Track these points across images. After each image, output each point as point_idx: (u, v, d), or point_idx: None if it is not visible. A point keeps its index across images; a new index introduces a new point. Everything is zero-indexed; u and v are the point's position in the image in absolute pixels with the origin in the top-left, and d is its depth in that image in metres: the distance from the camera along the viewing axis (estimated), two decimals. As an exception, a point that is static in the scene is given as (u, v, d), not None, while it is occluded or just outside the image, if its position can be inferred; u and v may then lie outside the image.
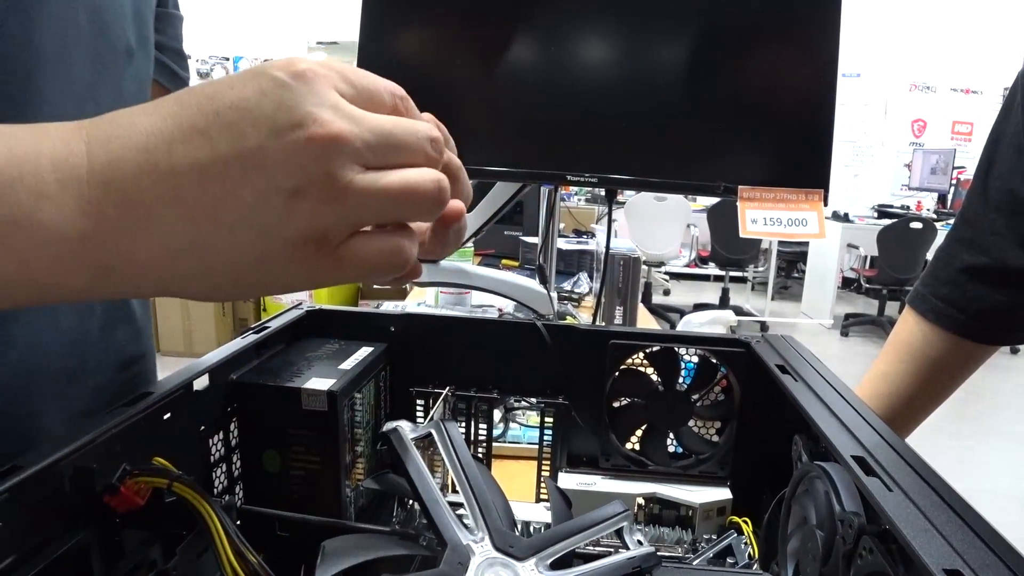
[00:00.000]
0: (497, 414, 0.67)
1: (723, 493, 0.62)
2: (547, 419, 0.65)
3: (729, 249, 5.05)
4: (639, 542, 0.47)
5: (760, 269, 5.68)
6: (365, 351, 0.61)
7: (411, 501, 0.59)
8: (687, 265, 5.41)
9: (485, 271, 1.28)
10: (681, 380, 0.64)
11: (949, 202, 5.51)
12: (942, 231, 4.47)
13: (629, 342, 0.64)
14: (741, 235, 0.71)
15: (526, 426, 0.91)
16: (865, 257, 5.33)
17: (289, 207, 0.26)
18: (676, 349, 0.63)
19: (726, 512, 0.62)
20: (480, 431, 0.66)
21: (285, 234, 0.27)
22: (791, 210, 0.71)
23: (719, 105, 0.74)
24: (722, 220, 4.91)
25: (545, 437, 0.66)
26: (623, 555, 0.45)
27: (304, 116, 0.26)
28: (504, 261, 2.16)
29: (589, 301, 1.77)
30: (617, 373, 0.64)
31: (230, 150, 0.26)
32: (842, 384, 0.53)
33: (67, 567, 0.35)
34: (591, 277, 1.91)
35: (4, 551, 0.31)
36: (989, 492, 2.88)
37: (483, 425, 0.66)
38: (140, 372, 0.59)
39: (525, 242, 2.11)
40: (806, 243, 5.64)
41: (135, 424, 0.41)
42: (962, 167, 5.58)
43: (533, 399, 0.66)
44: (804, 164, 0.73)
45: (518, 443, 0.91)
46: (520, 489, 0.65)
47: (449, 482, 0.60)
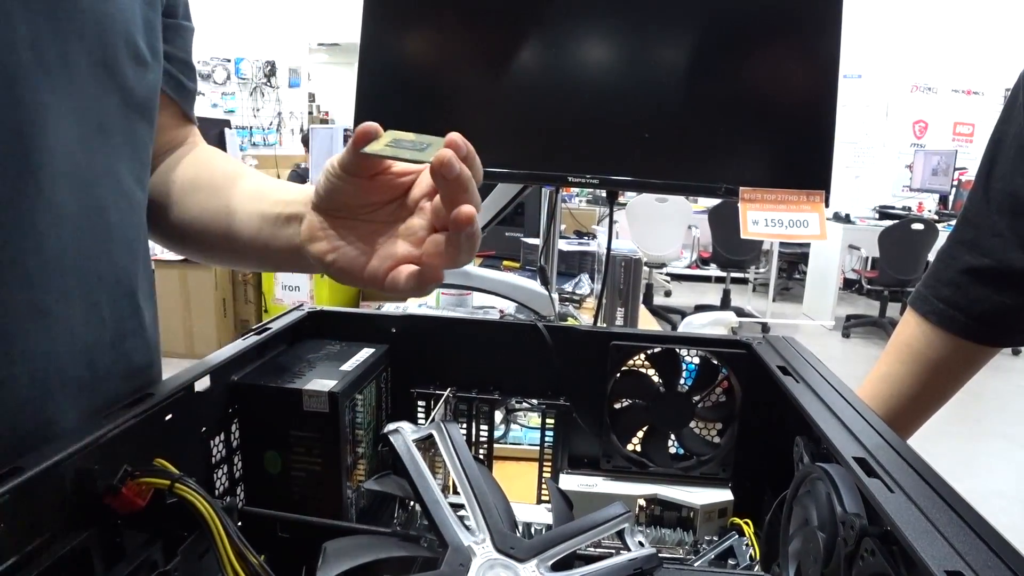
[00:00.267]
0: (498, 415, 0.67)
1: (724, 494, 0.62)
2: (548, 420, 0.65)
3: (730, 250, 5.04)
4: (640, 543, 0.47)
5: (761, 270, 5.67)
6: (366, 352, 0.61)
7: (412, 502, 0.59)
8: (688, 266, 5.41)
9: (486, 272, 1.29)
10: (682, 381, 0.64)
11: (950, 203, 5.51)
12: (943, 232, 4.47)
13: (630, 343, 0.64)
14: (742, 236, 0.71)
15: (527, 427, 0.91)
16: (866, 258, 5.33)
17: None
18: (677, 350, 0.63)
19: (727, 513, 0.62)
20: (481, 432, 0.66)
21: None
22: (792, 211, 0.71)
23: (720, 107, 0.74)
24: (723, 221, 4.90)
25: (546, 438, 0.66)
26: (624, 556, 0.45)
27: None
28: (505, 262, 2.16)
29: (590, 302, 1.77)
30: (618, 374, 0.64)
31: None
32: (843, 385, 0.53)
33: (68, 568, 0.35)
34: (592, 278, 1.91)
35: (6, 552, 0.31)
36: (990, 493, 2.88)
37: (484, 426, 0.66)
38: (148, 382, 0.59)
39: (526, 243, 2.11)
40: (807, 244, 5.63)
41: (136, 425, 0.41)
42: (963, 168, 5.57)
43: (534, 400, 0.66)
44: (805, 165, 0.73)
45: (519, 444, 0.91)
46: (521, 490, 0.65)
47: (450, 483, 0.60)
